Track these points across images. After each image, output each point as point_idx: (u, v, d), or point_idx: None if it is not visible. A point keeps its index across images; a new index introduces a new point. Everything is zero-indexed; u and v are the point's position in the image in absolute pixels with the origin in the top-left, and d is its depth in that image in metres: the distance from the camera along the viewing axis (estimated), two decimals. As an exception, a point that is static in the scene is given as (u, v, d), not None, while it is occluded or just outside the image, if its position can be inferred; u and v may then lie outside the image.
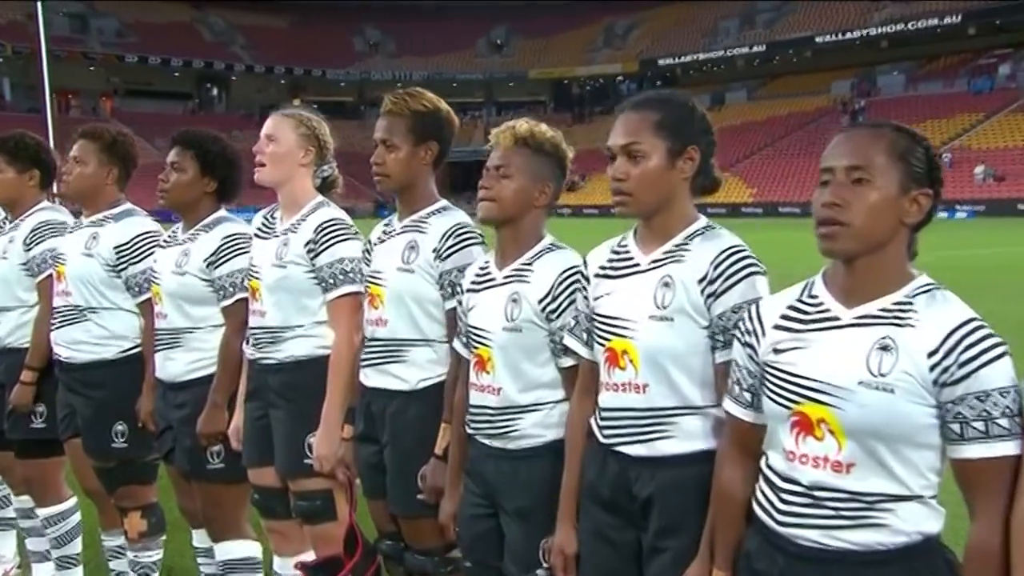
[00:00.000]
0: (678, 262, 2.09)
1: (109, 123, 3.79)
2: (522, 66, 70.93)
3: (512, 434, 2.41)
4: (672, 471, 2.07)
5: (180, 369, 3.26)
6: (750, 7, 65.80)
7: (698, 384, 2.06)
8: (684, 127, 2.13)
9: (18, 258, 3.76)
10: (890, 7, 57.14)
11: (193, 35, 66.63)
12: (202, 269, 3.21)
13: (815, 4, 61.67)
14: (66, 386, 3.58)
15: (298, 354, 3.00)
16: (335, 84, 70.21)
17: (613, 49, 70.51)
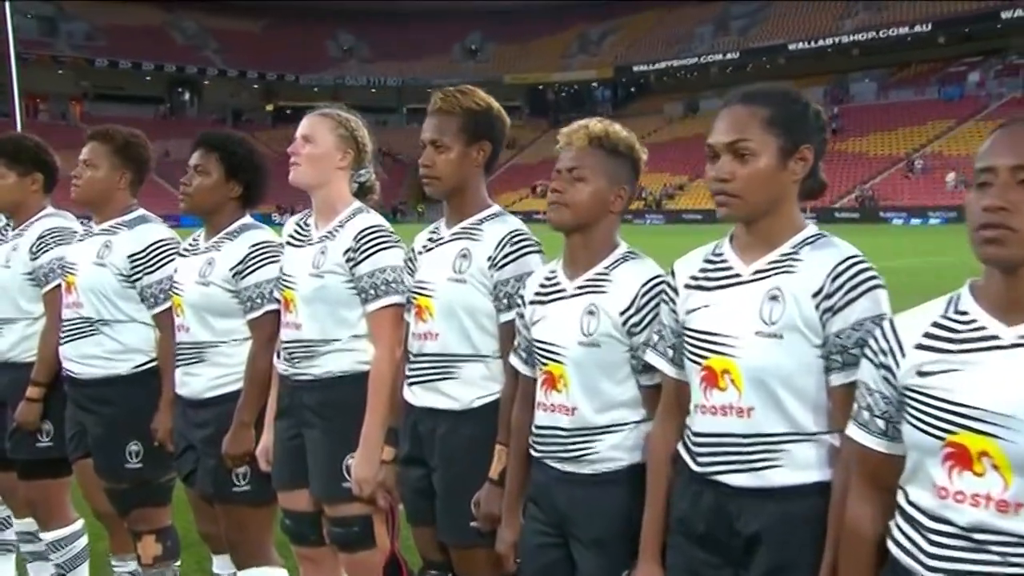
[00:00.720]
0: (788, 273, 1.92)
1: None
2: (497, 72, 70.77)
3: (587, 458, 2.25)
4: (782, 504, 1.89)
5: (203, 385, 3.08)
6: (724, 14, 66.28)
7: (810, 408, 1.88)
8: (798, 124, 1.95)
9: (23, 267, 3.55)
10: (862, 15, 57.78)
11: (165, 39, 65.91)
12: (228, 279, 3.03)
13: (788, 12, 62.25)
14: (76, 403, 3.38)
15: (336, 370, 2.83)
16: (308, 89, 69.51)
17: (588, 55, 70.68)
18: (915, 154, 46.83)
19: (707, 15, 67.05)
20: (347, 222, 2.85)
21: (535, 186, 58.46)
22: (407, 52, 69.46)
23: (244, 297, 3.03)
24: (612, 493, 2.22)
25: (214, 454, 3.04)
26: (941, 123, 48.62)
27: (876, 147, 49.62)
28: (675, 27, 67.53)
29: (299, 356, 2.86)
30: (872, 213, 42.26)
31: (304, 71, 68.49)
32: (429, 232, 2.74)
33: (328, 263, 2.82)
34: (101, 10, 62.33)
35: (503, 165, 64.21)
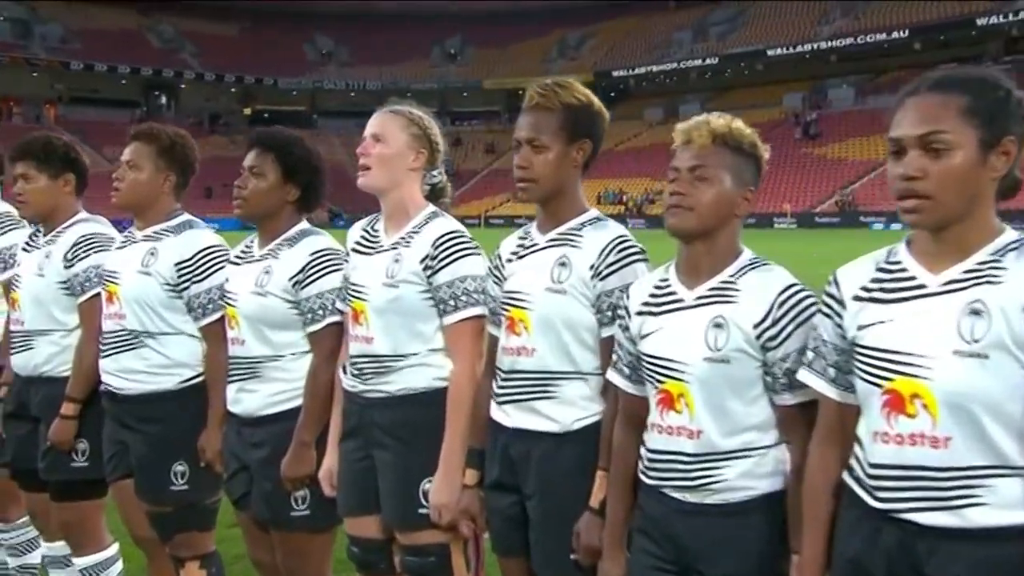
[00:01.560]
0: (991, 284, 1.70)
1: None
2: (477, 76, 70.73)
3: (714, 486, 2.05)
4: (986, 548, 1.68)
5: (259, 403, 2.88)
6: (702, 20, 66.58)
7: (1017, 438, 1.68)
8: (1000, 113, 1.73)
9: (56, 276, 3.33)
10: (839, 22, 58.24)
11: (141, 42, 65.30)
12: (287, 289, 2.84)
13: (766, 18, 62.67)
14: (117, 420, 3.17)
15: (412, 386, 2.64)
16: (287, 93, 69.38)
17: (567, 60, 70.72)
18: (894, 159, 47.11)
19: (686, 21, 67.36)
20: (422, 227, 2.66)
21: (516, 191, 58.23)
22: (386, 55, 69.24)
23: (304, 308, 2.84)
24: (745, 526, 2.04)
25: (271, 476, 2.85)
26: (919, 129, 48.84)
27: (855, 152, 49.94)
28: (654, 32, 67.76)
29: (370, 372, 2.67)
30: (852, 218, 42.48)
31: (282, 74, 68.14)
32: (518, 238, 2.56)
33: (403, 272, 2.63)
34: (76, 13, 61.65)
35: (483, 170, 64.21)
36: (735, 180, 2.09)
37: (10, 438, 3.49)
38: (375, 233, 2.76)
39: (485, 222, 47.02)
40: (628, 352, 2.23)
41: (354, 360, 2.70)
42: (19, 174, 3.38)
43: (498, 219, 50.12)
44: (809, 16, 60.33)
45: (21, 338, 3.40)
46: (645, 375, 2.17)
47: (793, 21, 60.98)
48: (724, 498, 2.05)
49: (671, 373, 2.10)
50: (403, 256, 2.64)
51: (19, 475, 3.53)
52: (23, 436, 3.44)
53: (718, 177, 2.07)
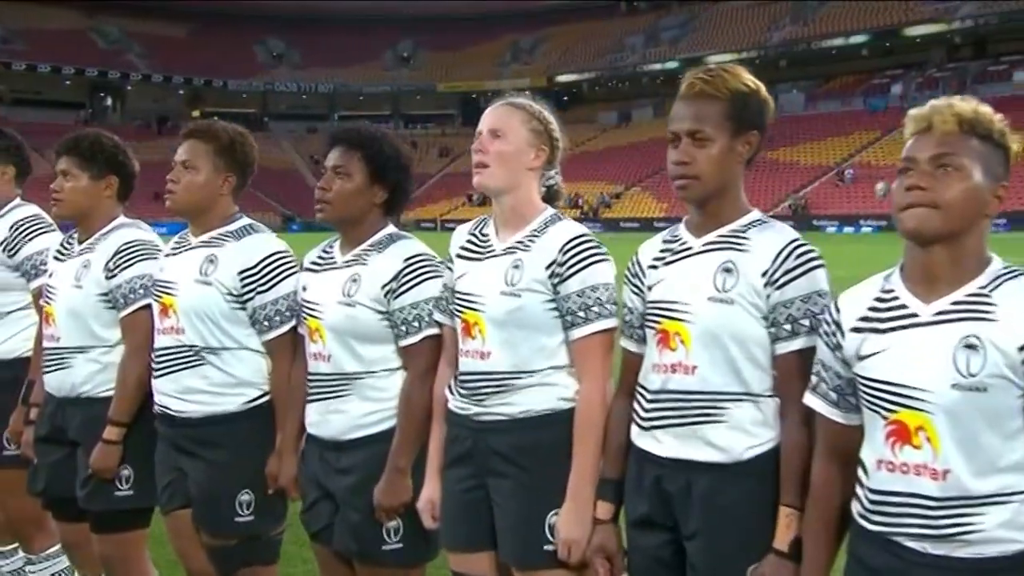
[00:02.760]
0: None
1: None
2: (430, 80, 70.44)
3: (967, 536, 1.74)
4: None
5: (347, 424, 2.61)
6: (654, 25, 67.10)
7: None
8: None
9: (96, 287, 3.02)
10: (788, 27, 59.06)
11: (86, 43, 63.91)
12: (377, 299, 2.57)
13: (717, 24, 63.38)
14: (174, 445, 2.89)
15: (536, 408, 2.35)
16: (237, 95, 68.45)
17: (521, 64, 70.81)
18: (844, 164, 47.89)
19: (637, 26, 67.86)
20: (544, 231, 2.39)
21: (471, 194, 58.23)
22: (338, 58, 68.64)
23: (398, 320, 2.57)
24: None
25: (360, 506, 2.58)
26: (867, 134, 49.80)
27: (806, 156, 50.60)
28: (606, 37, 68.13)
29: (486, 392, 2.38)
30: (805, 221, 42.96)
31: (232, 76, 67.24)
32: (662, 241, 2.26)
33: (526, 279, 2.35)
34: (18, 12, 59.95)
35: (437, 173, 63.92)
36: (986, 174, 1.79)
37: (43, 464, 3.16)
38: (484, 237, 2.48)
39: (441, 226, 46.73)
40: (836, 375, 1.94)
41: (466, 378, 2.42)
42: (61, 170, 3.07)
43: (453, 223, 49.67)
44: (759, 21, 61.16)
45: (57, 356, 3.08)
46: (867, 403, 1.88)
47: (743, 26, 61.78)
48: (978, 551, 1.75)
49: (907, 401, 1.80)
50: (524, 262, 2.37)
51: (53, 504, 3.22)
52: (58, 462, 3.13)
53: (967, 170, 1.77)
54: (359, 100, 67.93)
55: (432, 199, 56.83)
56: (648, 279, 2.25)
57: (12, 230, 3.42)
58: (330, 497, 2.66)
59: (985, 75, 51.67)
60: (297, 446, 2.79)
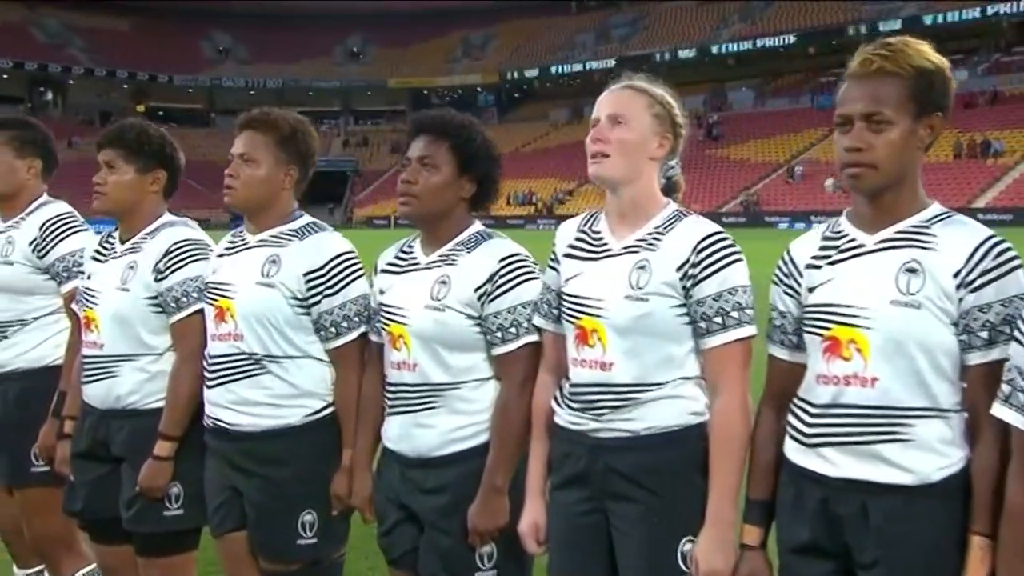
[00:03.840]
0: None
1: None
2: (380, 75, 69.84)
3: None
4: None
5: (435, 440, 2.39)
6: (605, 23, 67.40)
7: None
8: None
9: (144, 290, 2.78)
10: (737, 26, 59.69)
11: (24, 36, 62.09)
12: (470, 303, 2.36)
13: (667, 22, 63.87)
14: (228, 462, 2.65)
15: (664, 424, 2.13)
16: (182, 90, 67.33)
17: (472, 60, 70.60)
18: (794, 161, 48.50)
19: (588, 23, 68.09)
20: (670, 228, 2.17)
21: (424, 191, 57.81)
22: (287, 54, 67.80)
23: (492, 326, 2.36)
24: None
25: (451, 529, 2.37)
26: (815, 131, 50.39)
27: (756, 154, 51.15)
28: (557, 34, 68.26)
29: (606, 406, 2.16)
30: (757, 217, 43.44)
31: (177, 71, 66.11)
32: (822, 237, 2.04)
33: (654, 282, 2.13)
34: (-47, 4, 58.29)
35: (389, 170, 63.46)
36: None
37: (82, 482, 2.91)
38: (597, 234, 2.26)
39: (394, 224, 46.28)
40: None
41: (582, 391, 2.19)
42: (104, 161, 2.84)
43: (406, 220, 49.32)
44: (708, 20, 61.71)
45: (100, 365, 2.83)
46: None
47: (693, 25, 62.30)
48: None
49: None
50: (651, 263, 2.14)
51: (92, 525, 2.97)
52: (99, 480, 2.88)
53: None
54: (308, 96, 67.09)
55: (385, 196, 56.21)
56: (807, 279, 2.02)
57: (42, 229, 3.17)
58: (413, 519, 2.45)
59: (928, 74, 52.71)
60: (370, 462, 2.57)
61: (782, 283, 2.09)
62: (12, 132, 3.21)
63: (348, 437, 2.61)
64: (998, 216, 36.61)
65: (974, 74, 49.94)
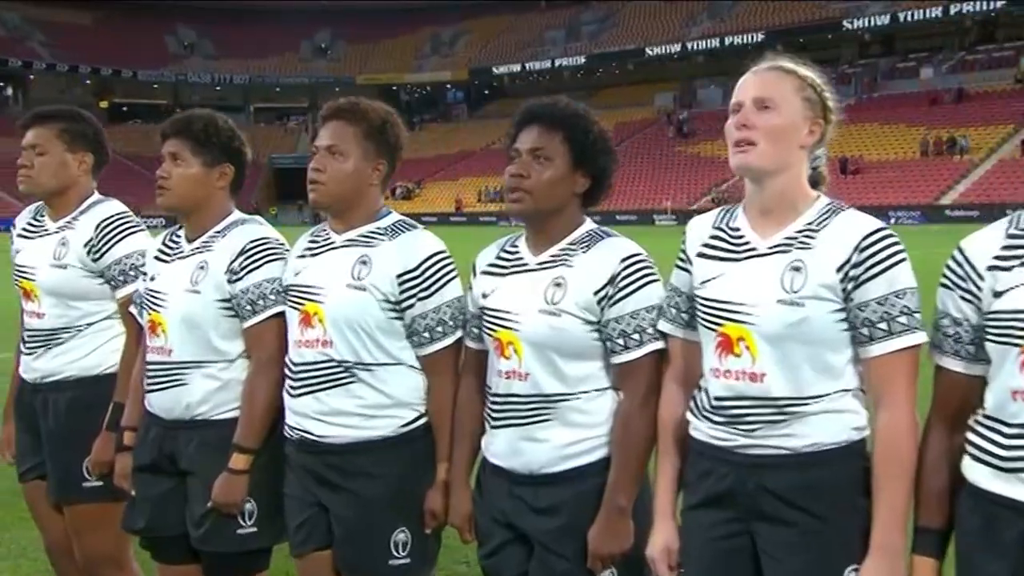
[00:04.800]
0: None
1: None
2: (349, 72, 69.31)
3: None
4: None
5: (548, 455, 2.21)
6: (575, 19, 67.44)
7: None
8: None
9: (217, 292, 2.58)
10: (706, 24, 59.98)
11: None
12: (589, 307, 2.19)
13: (636, 19, 64.02)
14: (313, 476, 2.47)
15: (826, 440, 1.94)
16: (147, 86, 66.44)
17: (441, 57, 70.35)
18: (763, 157, 48.82)
19: (558, 20, 68.10)
20: (825, 224, 1.97)
21: (393, 187, 57.55)
22: (253, 49, 67.23)
23: (613, 332, 2.19)
24: None
25: (567, 552, 2.20)
26: (784, 128, 50.80)
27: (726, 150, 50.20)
28: (527, 31, 68.22)
29: (758, 420, 1.97)
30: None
31: (142, 66, 65.17)
32: (1006, 235, 1.82)
33: (810, 285, 1.93)
34: (-92, -4, 57.01)
35: (358, 167, 63.01)
36: None
37: (145, 498, 2.70)
38: (736, 231, 2.07)
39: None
40: None
41: (728, 404, 2.00)
42: (169, 153, 2.64)
43: (376, 217, 48.99)
44: (677, 18, 61.93)
45: (167, 372, 2.63)
46: None
47: (662, 22, 62.48)
48: None
49: None
50: (807, 264, 1.94)
51: (156, 544, 2.76)
52: (164, 495, 2.68)
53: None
54: (276, 92, 66.59)
55: (353, 193, 55.91)
56: (990, 283, 1.81)
57: (98, 230, 2.93)
58: (523, 540, 2.27)
59: (894, 71, 53.38)
60: (468, 478, 2.40)
61: (957, 288, 1.87)
62: (62, 124, 2.97)
63: (443, 450, 2.43)
64: (965, 212, 37.15)
65: (939, 72, 50.63)
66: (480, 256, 2.40)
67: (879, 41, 55.66)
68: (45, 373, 2.94)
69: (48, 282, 2.91)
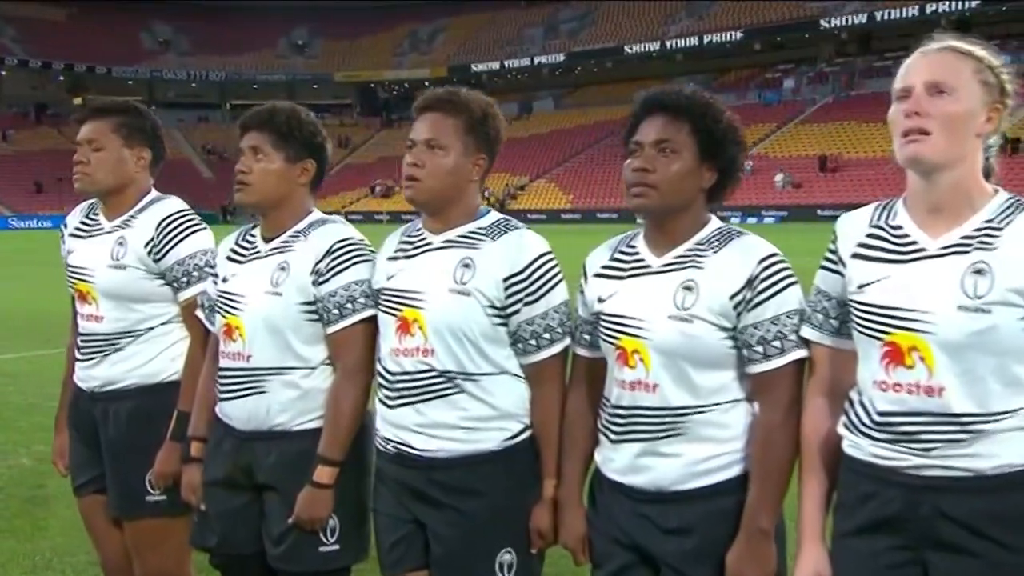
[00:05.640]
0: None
1: None
2: (326, 68, 68.94)
3: None
4: None
5: (677, 471, 2.05)
6: (553, 17, 67.38)
7: None
8: None
9: (300, 294, 2.42)
10: (684, 22, 60.12)
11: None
12: (723, 312, 2.02)
13: (615, 17, 64.05)
14: (411, 492, 2.32)
15: (1018, 460, 1.77)
16: (122, 82, 65.48)
17: (419, 54, 70.07)
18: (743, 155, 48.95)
19: (537, 18, 68.02)
20: (1008, 220, 1.81)
21: (373, 185, 57.24)
22: (229, 46, 66.66)
23: (752, 339, 2.02)
24: None
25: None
26: (763, 126, 51.01)
27: (705, 149, 51.41)
28: (505, 28, 68.10)
29: (936, 439, 1.80)
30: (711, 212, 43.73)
31: (116, 63, 64.41)
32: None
33: (997, 289, 1.75)
34: None
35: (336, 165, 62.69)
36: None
37: (218, 514, 2.54)
38: (898, 230, 1.89)
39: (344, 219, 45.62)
40: None
41: (897, 420, 1.83)
42: (250, 147, 2.50)
43: (356, 215, 48.75)
44: (656, 16, 62.02)
45: (244, 380, 2.48)
46: None
47: (641, 20, 62.54)
48: None
49: None
50: (992, 266, 1.78)
51: (228, 562, 2.61)
52: (238, 511, 2.52)
53: None
54: (253, 89, 65.90)
55: (331, 191, 55.51)
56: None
57: (159, 229, 2.77)
58: (648, 562, 2.11)
59: (871, 71, 53.62)
60: (581, 495, 2.23)
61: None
62: (120, 118, 2.81)
63: (549, 464, 2.28)
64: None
65: (916, 71, 51.07)
66: (591, 258, 2.24)
67: (856, 40, 55.99)
68: (104, 381, 2.78)
69: (107, 284, 2.76)
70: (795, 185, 45.19)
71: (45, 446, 5.63)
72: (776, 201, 43.58)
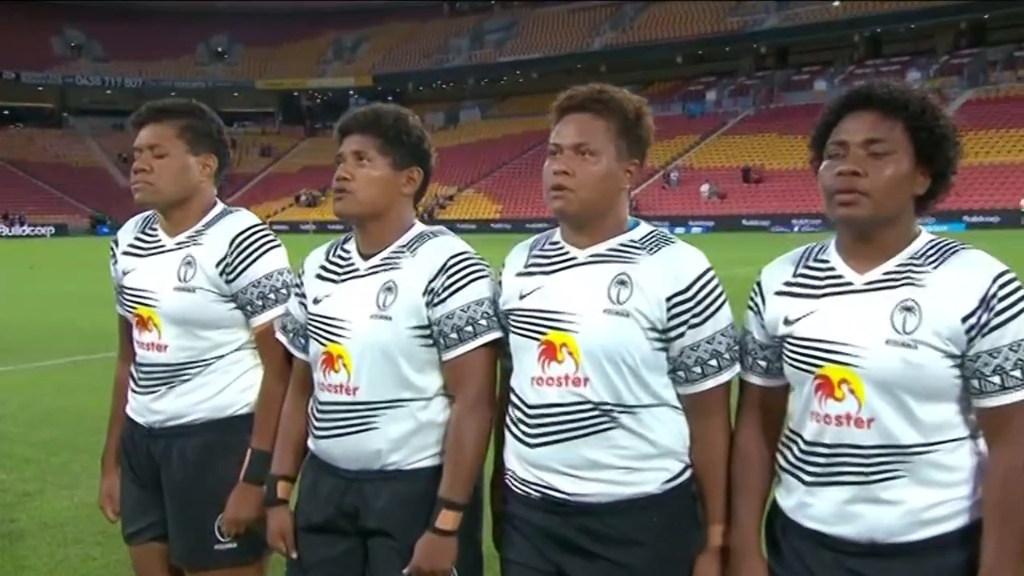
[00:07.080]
0: None
1: None
2: (247, 76, 67.62)
3: None
4: None
5: (900, 520, 1.81)
6: (478, 27, 67.41)
7: None
8: None
9: (413, 317, 2.15)
10: (608, 34, 60.79)
11: None
12: (952, 337, 1.77)
13: (540, 28, 64.46)
14: (558, 541, 2.05)
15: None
16: (31, 88, 63.40)
17: (343, 63, 69.30)
18: (668, 167, 49.60)
19: (462, 27, 67.95)
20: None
21: (298, 195, 56.24)
22: (146, 52, 64.94)
23: (988, 368, 1.76)
24: None
25: None
26: (687, 138, 51.82)
27: (631, 159, 51.98)
28: (430, 38, 67.81)
29: None
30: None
31: (26, 68, 62.18)
32: None
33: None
34: None
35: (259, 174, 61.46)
36: None
37: (315, 563, 2.26)
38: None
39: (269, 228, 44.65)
40: None
41: None
42: (354, 151, 2.22)
43: (282, 224, 47.78)
44: (580, 27, 62.59)
45: (351, 414, 2.20)
46: None
47: (565, 31, 63.02)
48: None
49: None
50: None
51: None
52: (339, 559, 2.25)
53: None
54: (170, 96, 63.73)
55: (255, 201, 54.34)
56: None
57: (233, 246, 2.44)
58: None
59: (790, 84, 55.05)
60: (760, 544, 1.99)
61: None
62: (184, 121, 2.48)
63: (716, 508, 2.04)
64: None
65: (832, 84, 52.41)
66: (768, 272, 2.00)
67: (773, 54, 57.40)
68: (169, 415, 2.46)
69: (173, 308, 2.43)
70: (720, 196, 45.94)
71: (6, 474, 5.18)
72: (703, 211, 44.22)
